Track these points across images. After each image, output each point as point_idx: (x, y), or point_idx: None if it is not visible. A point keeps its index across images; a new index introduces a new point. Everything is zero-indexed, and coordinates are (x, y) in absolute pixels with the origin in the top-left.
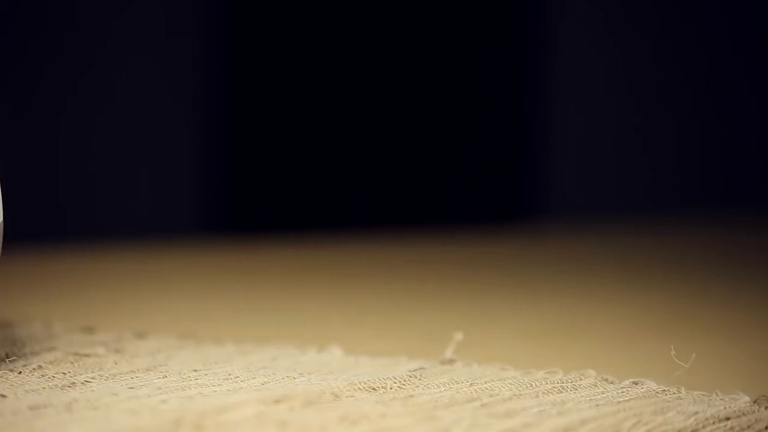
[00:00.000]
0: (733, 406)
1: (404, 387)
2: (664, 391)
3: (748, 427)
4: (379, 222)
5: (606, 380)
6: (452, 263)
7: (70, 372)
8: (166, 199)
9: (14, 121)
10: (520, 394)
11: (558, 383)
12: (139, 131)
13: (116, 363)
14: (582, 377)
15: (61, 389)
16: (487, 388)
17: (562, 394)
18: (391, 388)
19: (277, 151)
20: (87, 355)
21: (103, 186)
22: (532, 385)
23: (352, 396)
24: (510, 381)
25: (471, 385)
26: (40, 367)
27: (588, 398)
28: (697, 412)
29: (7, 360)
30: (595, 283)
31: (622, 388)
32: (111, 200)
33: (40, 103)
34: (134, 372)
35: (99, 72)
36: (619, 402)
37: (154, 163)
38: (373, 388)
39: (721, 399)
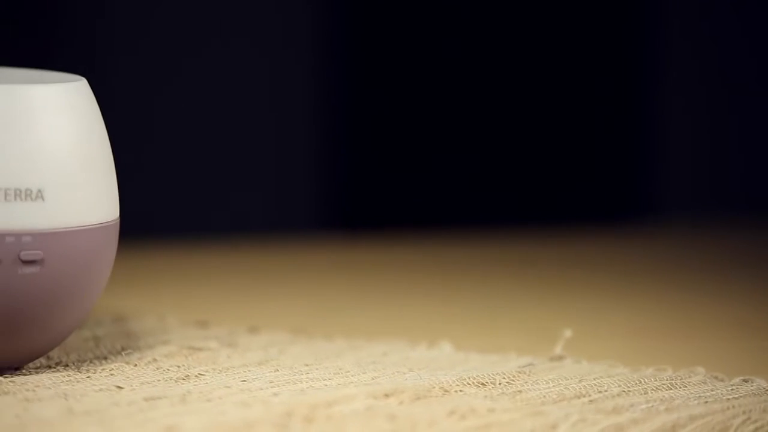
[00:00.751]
0: None
1: (513, 383)
2: None
3: None
4: (491, 219)
5: (715, 378)
6: (561, 261)
7: (183, 365)
8: (281, 195)
9: (124, 115)
10: (629, 391)
11: (667, 380)
12: (254, 124)
13: (229, 357)
14: (691, 374)
15: (175, 381)
16: (595, 385)
17: (671, 391)
18: (499, 384)
19: (395, 148)
20: (200, 349)
21: (217, 180)
22: (640, 382)
23: (461, 391)
24: (619, 378)
25: (580, 381)
26: (154, 360)
27: (697, 395)
28: None
29: (122, 353)
30: (703, 281)
31: (731, 385)
32: (225, 194)
33: (147, 95)
34: (247, 366)
35: (207, 62)
36: (728, 399)
37: (270, 158)
38: (482, 384)
39: None
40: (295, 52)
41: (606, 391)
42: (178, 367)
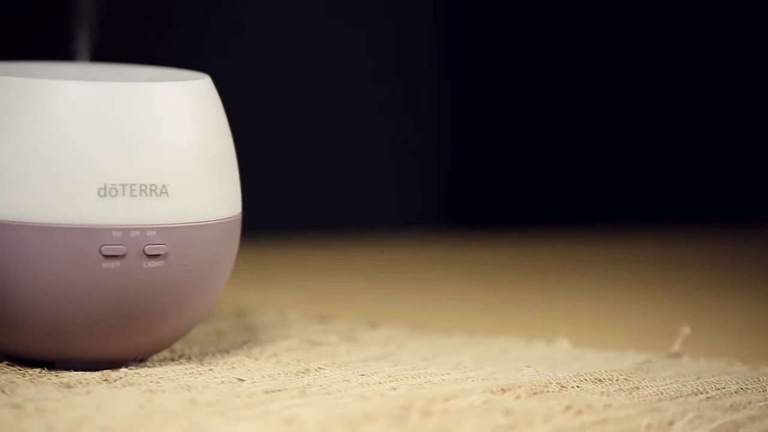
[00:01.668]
0: None
1: (630, 379)
2: None
3: None
4: (611, 218)
5: None
6: (680, 259)
7: (304, 359)
8: (404, 191)
9: (246, 111)
10: (747, 388)
11: None
12: (376, 120)
13: (349, 351)
14: None
15: (295, 375)
16: (713, 382)
17: None
18: (616, 380)
19: (517, 146)
20: (320, 343)
21: (339, 176)
22: (759, 380)
23: (577, 387)
24: (737, 375)
25: (697, 378)
26: (275, 353)
27: None
28: None
29: (244, 346)
30: None
31: None
32: (347, 190)
33: (269, 92)
34: (366, 360)
35: (328, 58)
36: None
37: (393, 154)
38: (599, 380)
39: None
40: (419, 48)
41: (724, 388)
42: (299, 360)
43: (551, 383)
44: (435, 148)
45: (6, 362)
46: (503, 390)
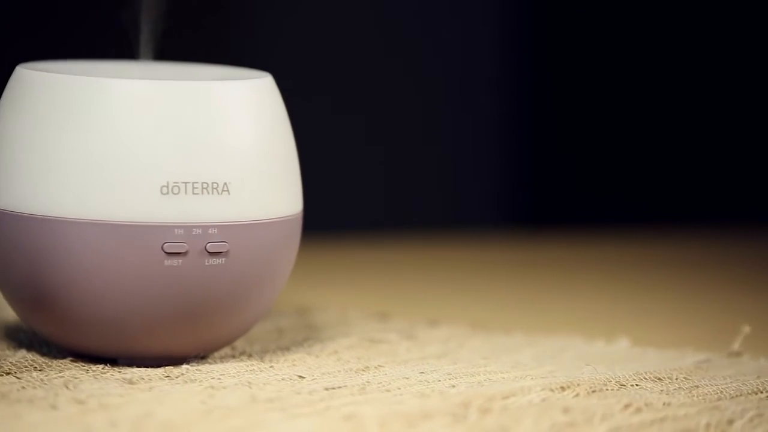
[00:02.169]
0: None
1: (690, 378)
2: None
3: None
4: (671, 217)
5: None
6: (737, 258)
7: (363, 357)
8: (464, 190)
9: (307, 110)
10: None
11: None
12: (437, 119)
13: (408, 349)
14: None
15: (355, 372)
16: None
17: None
18: (676, 379)
19: (578, 145)
20: (380, 341)
21: (400, 174)
22: None
23: (637, 385)
24: None
25: (758, 377)
26: (335, 351)
27: None
28: None
29: (305, 344)
30: None
31: None
32: (408, 189)
33: (330, 90)
34: (425, 358)
35: (388, 56)
36: None
37: (453, 153)
38: (659, 378)
39: None
40: (481, 46)
41: None
42: (359, 358)
43: (610, 381)
44: (496, 147)
45: (70, 358)
46: (562, 388)
